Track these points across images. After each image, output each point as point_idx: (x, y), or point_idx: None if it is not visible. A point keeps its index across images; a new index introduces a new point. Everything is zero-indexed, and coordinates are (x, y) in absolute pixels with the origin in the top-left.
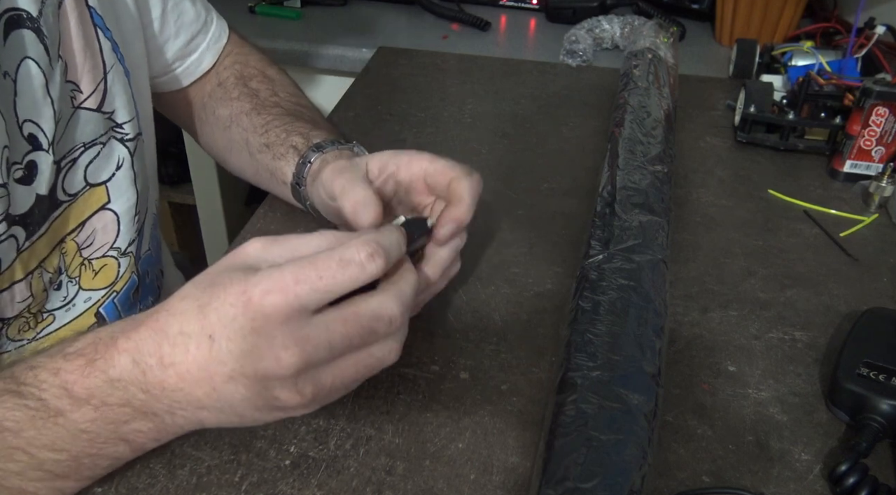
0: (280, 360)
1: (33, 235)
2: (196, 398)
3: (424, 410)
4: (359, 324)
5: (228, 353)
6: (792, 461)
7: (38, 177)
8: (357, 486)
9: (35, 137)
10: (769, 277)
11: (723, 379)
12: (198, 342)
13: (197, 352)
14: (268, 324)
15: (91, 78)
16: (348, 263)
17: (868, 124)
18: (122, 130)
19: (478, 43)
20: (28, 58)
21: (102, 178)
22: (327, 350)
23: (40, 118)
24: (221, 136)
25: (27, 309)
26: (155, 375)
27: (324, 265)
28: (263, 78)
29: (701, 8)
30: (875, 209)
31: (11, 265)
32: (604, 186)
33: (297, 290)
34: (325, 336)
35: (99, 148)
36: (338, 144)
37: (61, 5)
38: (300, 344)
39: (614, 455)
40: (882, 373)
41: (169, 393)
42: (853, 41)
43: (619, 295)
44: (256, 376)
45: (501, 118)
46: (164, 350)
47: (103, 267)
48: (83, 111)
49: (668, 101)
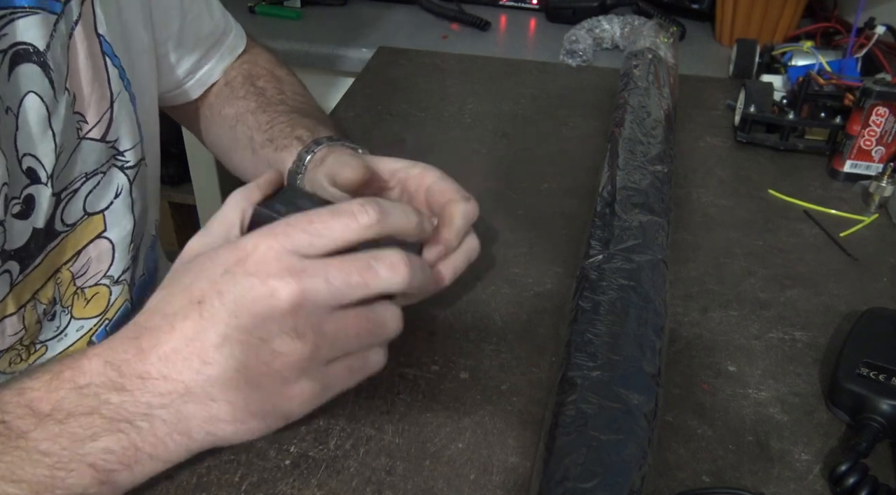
0: (276, 292)
1: (28, 268)
2: (181, 384)
3: (424, 410)
4: (356, 261)
5: (221, 307)
6: (792, 461)
7: (35, 210)
8: (357, 486)
9: (34, 171)
10: (769, 277)
11: (723, 380)
12: (184, 314)
13: (183, 323)
14: (261, 264)
15: (97, 108)
16: (340, 212)
17: (868, 124)
18: (123, 158)
19: (478, 43)
20: (32, 92)
21: (101, 207)
22: (325, 283)
23: (40, 152)
24: (226, 135)
25: (19, 341)
26: (132, 368)
27: (315, 214)
28: (271, 77)
29: (701, 8)
30: (875, 209)
31: (4, 299)
32: (604, 186)
33: (288, 231)
34: (322, 269)
35: (100, 177)
36: (343, 142)
37: (71, 37)
38: (296, 274)
39: (614, 455)
40: (882, 373)
41: (150, 384)
42: (853, 41)
43: (619, 295)
44: (251, 322)
45: (501, 118)
46: (143, 340)
47: (95, 295)
48: (87, 141)
49: (668, 101)
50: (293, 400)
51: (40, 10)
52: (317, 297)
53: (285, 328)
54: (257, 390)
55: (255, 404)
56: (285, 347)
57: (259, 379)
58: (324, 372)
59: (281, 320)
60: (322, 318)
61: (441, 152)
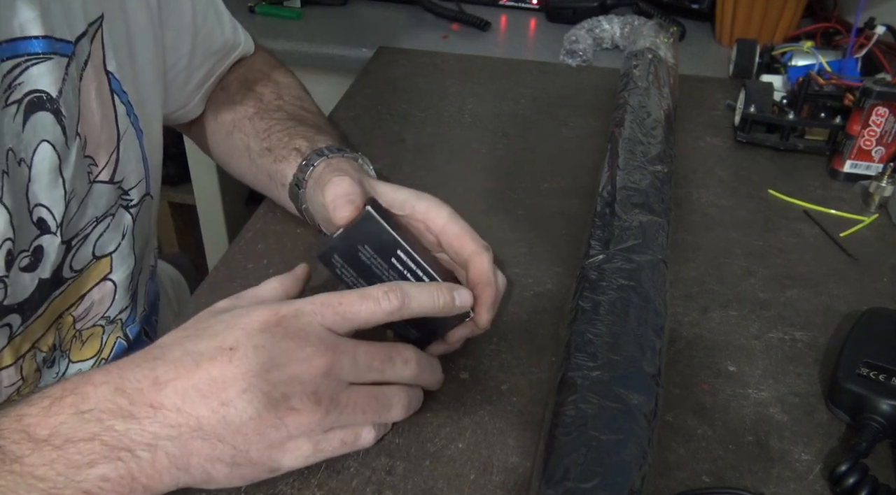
0: (311, 360)
1: (29, 319)
2: (195, 419)
3: (424, 410)
4: (380, 350)
5: (255, 361)
6: (792, 461)
7: (43, 261)
8: (357, 486)
9: (44, 221)
10: (769, 277)
11: (723, 380)
12: (211, 356)
13: (210, 365)
14: (302, 331)
15: (106, 149)
16: (367, 297)
17: (868, 124)
18: (128, 197)
19: (478, 43)
20: (45, 141)
21: (109, 250)
22: (352, 361)
23: (50, 201)
24: (224, 141)
25: (16, 392)
26: (145, 397)
27: (345, 295)
28: (268, 81)
29: (701, 8)
30: (875, 209)
31: (1, 354)
32: (604, 186)
33: (324, 311)
34: (352, 349)
35: (109, 220)
36: (343, 152)
37: (82, 78)
38: (331, 349)
39: (614, 455)
40: (882, 373)
41: (161, 414)
42: (853, 41)
43: (619, 295)
44: (281, 379)
45: (501, 118)
46: (160, 371)
47: (90, 336)
48: (97, 185)
49: (668, 101)
50: (287, 455)
51: (53, 54)
52: (342, 371)
53: (308, 391)
54: (262, 439)
55: (256, 452)
56: (302, 406)
57: (268, 430)
58: (321, 438)
59: (307, 383)
60: (340, 390)
61: (441, 152)
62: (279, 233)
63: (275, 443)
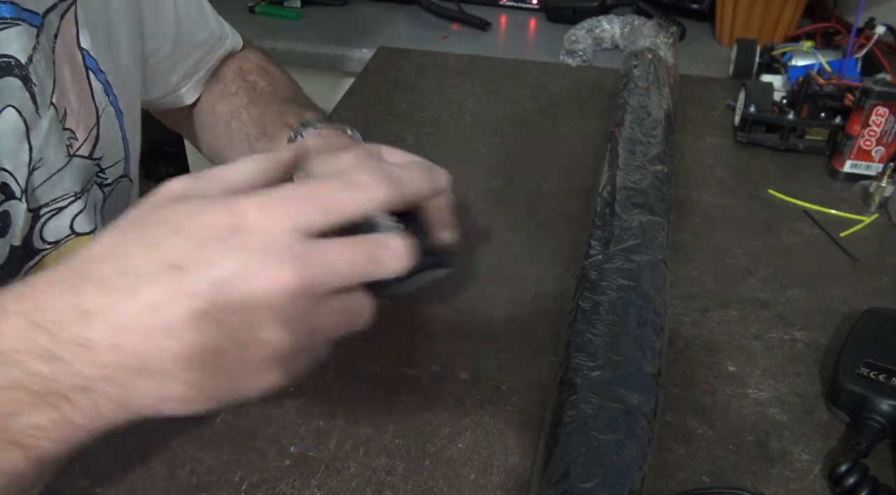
0: (277, 278)
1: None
2: (135, 357)
3: (424, 410)
4: (363, 248)
5: (205, 280)
6: (792, 461)
7: (11, 227)
8: (357, 486)
9: (7, 186)
10: (769, 277)
11: (723, 380)
12: (153, 278)
13: (150, 289)
14: (263, 239)
15: (85, 124)
16: (356, 185)
17: (868, 124)
18: (103, 175)
19: (478, 43)
20: (10, 106)
21: (89, 229)
22: (327, 273)
23: (12, 166)
24: (223, 134)
25: None
26: (69, 332)
27: (328, 183)
28: (262, 72)
29: (701, 8)
30: (875, 209)
31: None
32: (604, 186)
33: (295, 205)
34: (327, 256)
35: (86, 195)
36: (333, 124)
37: (54, 51)
38: (301, 260)
39: (614, 455)
40: (882, 373)
41: (91, 353)
42: (853, 41)
43: (619, 295)
44: (240, 303)
45: (501, 118)
46: (88, 297)
47: None
48: (77, 159)
49: (668, 101)
50: (256, 387)
51: (21, 21)
52: (316, 288)
53: (275, 315)
54: (222, 374)
55: (215, 388)
56: (269, 335)
57: (229, 363)
58: (292, 363)
59: (272, 307)
60: (312, 307)
61: (441, 152)
62: None
63: (238, 378)
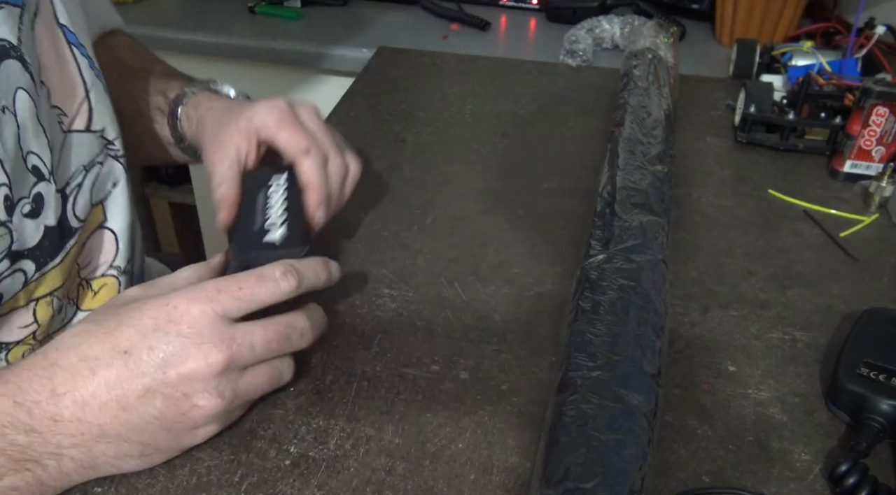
0: (208, 358)
1: (45, 267)
2: (97, 427)
3: (424, 410)
4: (276, 330)
5: (149, 363)
6: (792, 461)
7: (44, 208)
8: (357, 486)
9: (38, 168)
10: (769, 277)
11: (723, 380)
12: (107, 362)
13: (106, 371)
14: (195, 326)
15: (72, 99)
16: (265, 278)
17: (868, 124)
18: (114, 148)
19: (478, 43)
20: (20, 88)
21: (100, 197)
22: (250, 351)
23: (38, 147)
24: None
25: (32, 336)
26: (44, 410)
27: (243, 279)
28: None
29: (701, 8)
30: (875, 209)
31: (15, 296)
32: (604, 186)
33: (220, 298)
34: (248, 338)
35: (98, 168)
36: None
37: (34, 29)
38: (226, 342)
39: (614, 455)
40: (882, 373)
41: (62, 426)
42: (853, 41)
43: (619, 295)
44: (179, 380)
45: (501, 118)
46: (58, 381)
47: (103, 286)
48: (74, 134)
49: (668, 101)
50: (197, 438)
51: (4, 4)
52: (240, 362)
53: (209, 387)
54: (169, 433)
55: (164, 443)
56: (205, 402)
57: (173, 425)
58: (229, 414)
59: (206, 380)
60: (239, 377)
61: (441, 152)
62: None
63: (182, 433)
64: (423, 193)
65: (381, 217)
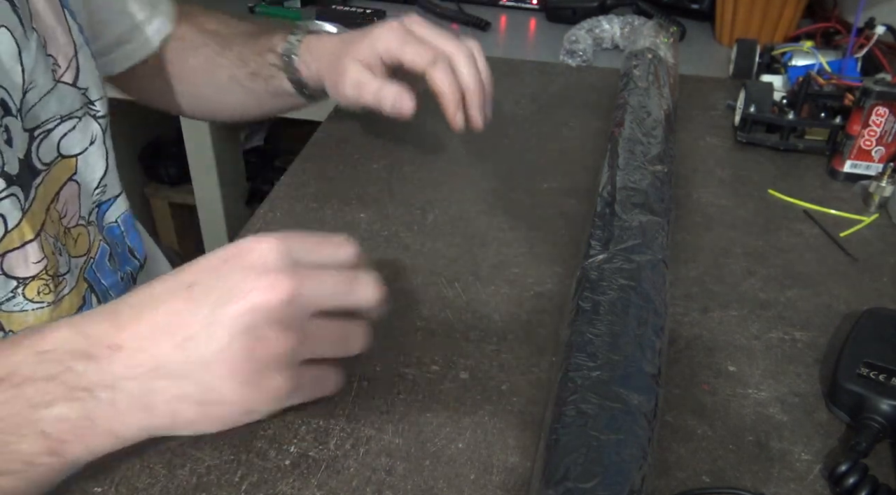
0: (274, 284)
1: (28, 198)
2: (156, 357)
3: (424, 410)
4: (344, 273)
5: (214, 290)
6: (792, 461)
7: (14, 141)
8: (357, 486)
9: (5, 102)
10: (769, 277)
11: (723, 380)
12: (171, 294)
13: (171, 301)
14: (263, 258)
15: (65, 53)
16: (328, 241)
17: (868, 124)
18: (94, 107)
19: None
20: (3, 26)
21: (75, 151)
22: (317, 286)
23: (9, 84)
24: (208, 84)
25: (44, 270)
26: (105, 338)
27: (307, 237)
28: (214, 20)
29: (701, 8)
30: (875, 209)
31: (19, 224)
32: (604, 186)
33: (287, 239)
34: (316, 274)
35: (75, 122)
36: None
37: None
38: (293, 273)
39: (614, 455)
40: (882, 373)
41: (121, 355)
42: (853, 41)
43: (619, 295)
44: (245, 309)
45: (501, 118)
46: (123, 315)
47: (79, 236)
48: (62, 85)
49: (668, 101)
50: (263, 394)
51: None
52: (308, 297)
53: (275, 319)
54: (232, 374)
55: (228, 389)
56: (272, 336)
57: (238, 365)
58: (296, 373)
59: (272, 311)
60: (307, 318)
61: (441, 152)
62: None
63: (246, 378)
64: (423, 193)
65: (381, 217)
